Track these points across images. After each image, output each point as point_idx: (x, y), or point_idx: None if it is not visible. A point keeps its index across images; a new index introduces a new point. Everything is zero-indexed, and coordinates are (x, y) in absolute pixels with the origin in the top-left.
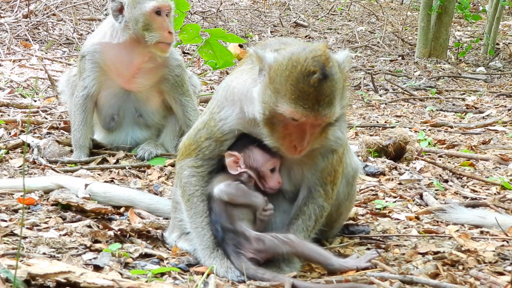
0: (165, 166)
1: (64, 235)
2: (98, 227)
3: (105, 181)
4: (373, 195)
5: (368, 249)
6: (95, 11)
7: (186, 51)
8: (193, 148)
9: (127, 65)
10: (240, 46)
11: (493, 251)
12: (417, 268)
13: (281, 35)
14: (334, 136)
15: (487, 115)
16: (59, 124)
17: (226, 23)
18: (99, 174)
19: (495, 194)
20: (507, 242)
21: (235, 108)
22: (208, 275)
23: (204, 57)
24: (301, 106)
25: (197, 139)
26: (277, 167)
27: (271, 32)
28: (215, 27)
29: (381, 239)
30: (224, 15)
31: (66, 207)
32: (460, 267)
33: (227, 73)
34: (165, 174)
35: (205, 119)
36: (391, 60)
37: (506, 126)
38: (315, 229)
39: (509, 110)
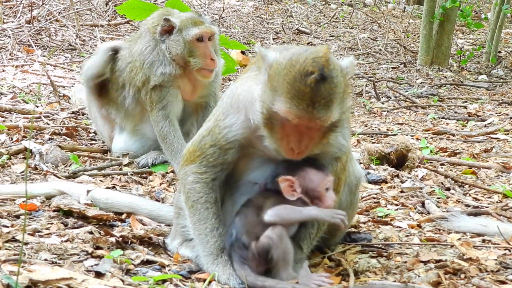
0: (167, 173)
1: (66, 241)
2: (99, 233)
3: (107, 187)
4: (375, 202)
5: (371, 257)
6: (97, 17)
7: None
8: (198, 154)
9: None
10: (243, 53)
11: (495, 259)
12: (419, 276)
13: (283, 42)
14: (338, 143)
15: (489, 123)
16: (61, 130)
17: (229, 30)
18: (101, 180)
19: (497, 202)
20: (509, 250)
21: (240, 116)
22: (209, 282)
23: None
24: (296, 107)
25: (201, 145)
26: (331, 185)
27: (273, 39)
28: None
29: (383, 247)
30: (226, 22)
31: (68, 213)
32: (462, 276)
33: (229, 80)
34: (167, 181)
35: (210, 126)
36: (393, 68)
37: (508, 134)
38: (317, 236)
39: (511, 118)
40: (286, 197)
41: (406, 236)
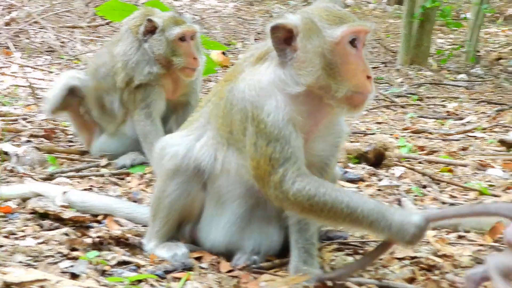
0: (144, 174)
1: (41, 243)
2: (75, 235)
3: (84, 189)
4: None
5: (347, 254)
6: (78, 19)
7: None
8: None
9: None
10: (223, 53)
11: (470, 255)
12: (394, 273)
13: None
14: (342, 127)
15: (467, 122)
16: (39, 132)
17: (210, 31)
18: (78, 182)
19: (473, 199)
20: (484, 246)
21: (277, 97)
22: (186, 280)
23: None
24: (351, 21)
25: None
26: None
27: (254, 39)
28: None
29: (359, 244)
30: (207, 23)
31: (44, 215)
32: (437, 272)
33: (210, 81)
34: (145, 182)
35: (252, 131)
36: (373, 67)
37: (485, 132)
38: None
39: (488, 116)
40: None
41: None
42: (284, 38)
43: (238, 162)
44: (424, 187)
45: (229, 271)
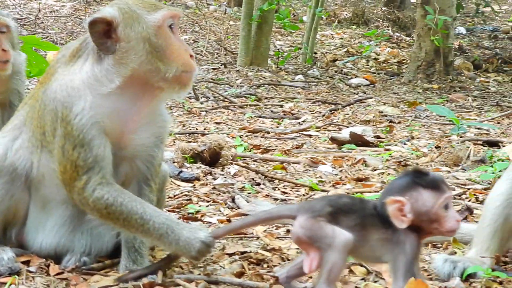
0: None
1: None
2: None
3: None
4: (187, 200)
5: None
6: None
7: None
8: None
9: None
10: None
11: (297, 248)
12: (223, 268)
13: None
14: (164, 117)
15: (303, 121)
16: None
17: (46, 31)
18: None
19: (303, 195)
20: None
21: (87, 97)
22: (10, 285)
23: None
24: (165, 7)
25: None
26: (451, 202)
27: None
28: (34, 34)
29: None
30: (43, 23)
31: None
32: (265, 265)
33: None
34: None
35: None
36: (214, 69)
37: (319, 131)
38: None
39: (323, 116)
40: (394, 223)
41: None
42: (103, 31)
43: (50, 166)
44: (258, 184)
45: (59, 274)
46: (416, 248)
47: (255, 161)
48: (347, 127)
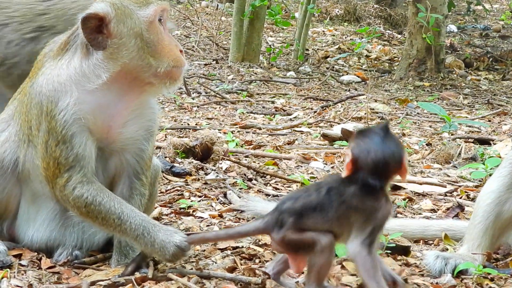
0: None
1: None
2: None
3: None
4: (179, 195)
5: None
6: None
7: None
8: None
9: None
10: None
11: None
12: (215, 263)
13: None
14: (154, 110)
15: (294, 117)
16: None
17: None
18: None
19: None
20: None
21: (73, 93)
22: (2, 278)
23: None
24: (155, 1)
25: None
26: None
27: None
28: None
29: None
30: None
31: None
32: (257, 260)
33: None
34: None
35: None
36: (205, 64)
37: (311, 127)
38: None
39: (315, 112)
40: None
41: (207, 226)
42: (95, 26)
43: (34, 161)
44: (250, 180)
45: (50, 267)
46: (386, 219)
47: (246, 156)
48: (339, 123)
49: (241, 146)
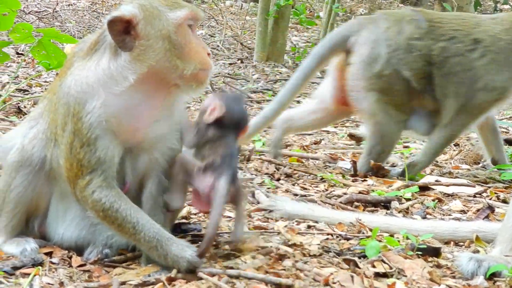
0: None
1: None
2: None
3: None
4: None
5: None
6: None
7: (21, 52)
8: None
9: None
10: None
11: (318, 244)
12: (245, 263)
13: None
14: (181, 113)
15: None
16: None
17: (63, 24)
18: None
19: (323, 191)
20: (332, 236)
21: (99, 96)
22: (34, 276)
23: (36, 57)
24: (187, 6)
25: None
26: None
27: None
28: (52, 27)
29: None
30: (61, 16)
31: None
32: (287, 261)
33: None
34: None
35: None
36: (230, 64)
37: (337, 127)
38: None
39: None
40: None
41: None
42: (123, 29)
43: (59, 161)
44: (278, 179)
45: (81, 266)
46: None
47: None
48: None
49: (268, 146)
